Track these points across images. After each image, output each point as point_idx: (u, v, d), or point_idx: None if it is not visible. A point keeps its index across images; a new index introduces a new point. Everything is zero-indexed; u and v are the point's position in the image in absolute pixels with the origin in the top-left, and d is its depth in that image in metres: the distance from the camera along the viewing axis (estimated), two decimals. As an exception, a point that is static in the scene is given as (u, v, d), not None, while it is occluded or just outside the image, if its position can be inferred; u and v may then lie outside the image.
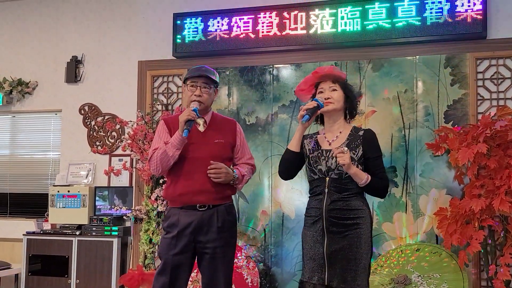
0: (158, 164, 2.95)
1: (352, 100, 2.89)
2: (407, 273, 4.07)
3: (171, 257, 2.94)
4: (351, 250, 2.71)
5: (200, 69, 3.07)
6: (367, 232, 2.75)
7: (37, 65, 5.62)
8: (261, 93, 4.81)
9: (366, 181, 2.73)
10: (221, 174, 2.95)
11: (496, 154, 3.81)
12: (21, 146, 5.76)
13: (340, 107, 2.85)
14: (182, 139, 2.90)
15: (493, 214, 3.84)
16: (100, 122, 5.34)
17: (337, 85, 2.86)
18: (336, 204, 2.76)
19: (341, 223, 2.74)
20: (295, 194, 4.63)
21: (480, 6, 4.27)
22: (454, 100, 4.36)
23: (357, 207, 2.76)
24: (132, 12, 5.36)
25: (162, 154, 2.92)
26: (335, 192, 2.77)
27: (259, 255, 4.66)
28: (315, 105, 2.79)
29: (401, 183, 4.39)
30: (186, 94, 3.07)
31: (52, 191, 5.16)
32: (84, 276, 4.86)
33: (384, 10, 4.47)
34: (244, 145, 3.21)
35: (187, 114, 2.89)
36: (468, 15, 4.29)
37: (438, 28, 4.36)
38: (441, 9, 4.35)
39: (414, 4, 4.40)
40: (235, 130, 3.16)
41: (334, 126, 2.88)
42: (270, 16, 4.75)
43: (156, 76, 5.14)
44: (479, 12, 4.27)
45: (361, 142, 2.78)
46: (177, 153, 2.92)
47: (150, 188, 4.81)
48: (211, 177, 2.95)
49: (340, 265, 2.71)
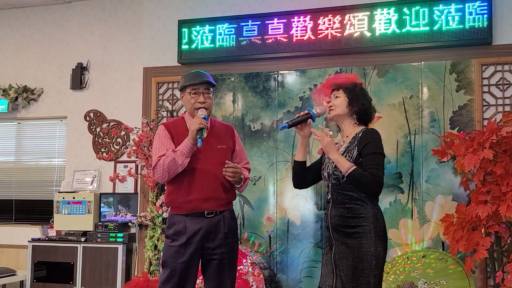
0: (165, 172, 2.93)
1: (358, 103, 2.82)
2: (413, 280, 4.05)
3: (179, 265, 2.92)
4: (353, 260, 2.65)
5: (200, 76, 3.06)
6: (369, 242, 2.63)
7: (42, 72, 5.64)
8: (266, 100, 4.81)
9: (348, 170, 2.64)
10: (237, 174, 2.97)
11: (502, 160, 3.80)
12: (27, 152, 5.78)
13: (342, 112, 2.84)
14: (193, 148, 2.89)
15: (500, 220, 3.82)
16: (105, 129, 5.35)
17: (340, 91, 2.86)
18: (338, 211, 2.74)
19: (342, 231, 2.72)
20: (300, 201, 4.62)
21: (486, 12, 4.26)
22: (460, 106, 4.35)
23: (359, 215, 2.68)
24: (137, 19, 5.38)
25: (170, 162, 2.90)
26: (337, 198, 2.76)
27: (265, 262, 4.65)
28: (306, 114, 2.87)
29: (407, 189, 4.38)
30: (189, 101, 3.05)
31: (57, 198, 5.16)
32: (89, 282, 4.86)
33: (391, 17, 4.47)
34: (242, 150, 3.24)
35: (198, 122, 2.87)
36: (473, 21, 4.29)
37: (443, 34, 4.36)
38: (447, 16, 4.35)
39: (420, 11, 4.40)
40: (233, 135, 3.18)
41: (344, 132, 2.89)
42: (278, 22, 4.75)
43: (161, 82, 5.15)
44: (485, 18, 4.26)
45: (358, 143, 2.74)
46: (186, 161, 2.91)
47: (155, 195, 4.81)
48: (227, 176, 2.94)
49: (344, 274, 2.68)
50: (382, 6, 4.50)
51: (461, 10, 4.32)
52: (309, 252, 4.54)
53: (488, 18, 4.27)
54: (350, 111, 2.84)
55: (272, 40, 4.75)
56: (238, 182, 3.03)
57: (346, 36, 4.58)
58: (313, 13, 4.67)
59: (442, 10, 4.36)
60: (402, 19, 4.44)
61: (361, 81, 2.95)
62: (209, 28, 4.91)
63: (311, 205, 4.60)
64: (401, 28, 4.44)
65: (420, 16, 4.40)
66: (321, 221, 4.53)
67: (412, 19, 4.42)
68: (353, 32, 4.56)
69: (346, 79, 2.93)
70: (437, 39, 4.37)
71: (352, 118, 2.86)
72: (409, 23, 4.43)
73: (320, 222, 4.53)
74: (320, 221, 4.53)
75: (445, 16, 4.35)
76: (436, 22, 4.37)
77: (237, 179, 2.99)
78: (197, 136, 2.86)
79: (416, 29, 4.41)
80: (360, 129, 2.81)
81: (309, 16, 4.68)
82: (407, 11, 4.44)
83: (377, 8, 4.51)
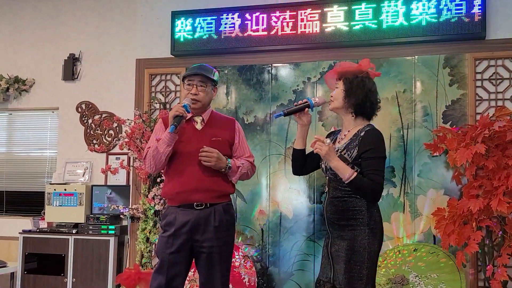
0: (151, 161, 2.96)
1: (355, 95, 2.73)
2: (404, 273, 4.07)
3: (168, 255, 2.94)
4: (346, 252, 2.66)
5: (197, 68, 3.07)
6: (362, 235, 2.64)
7: (34, 62, 5.60)
8: (260, 92, 4.79)
9: (349, 177, 2.60)
10: (212, 158, 2.92)
11: (494, 155, 3.81)
12: (18, 144, 5.74)
13: (340, 105, 2.78)
14: (172, 136, 2.89)
15: (491, 214, 3.83)
16: (98, 120, 5.31)
17: (340, 82, 2.80)
18: (333, 204, 2.74)
19: (336, 224, 2.72)
20: (293, 194, 4.62)
21: (479, 6, 4.26)
22: (453, 101, 4.36)
23: (353, 208, 2.67)
24: (130, 10, 5.34)
25: (154, 151, 2.93)
26: (333, 191, 2.75)
27: (257, 255, 4.65)
28: (303, 103, 2.87)
29: (399, 183, 4.39)
30: (184, 93, 3.08)
31: (49, 189, 5.14)
32: (81, 274, 4.85)
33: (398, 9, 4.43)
34: (244, 143, 3.20)
35: (176, 109, 2.89)
36: (467, 16, 4.29)
37: (437, 28, 4.35)
38: (441, 10, 4.34)
39: (404, 4, 4.40)
40: (233, 128, 3.15)
41: (344, 124, 2.85)
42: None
43: (154, 74, 5.12)
44: (478, 13, 4.26)
45: (359, 143, 2.68)
46: (167, 150, 2.91)
47: (147, 187, 4.79)
48: (202, 160, 2.93)
49: (339, 267, 2.68)
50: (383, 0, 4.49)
51: (455, 5, 4.32)
52: (301, 245, 4.54)
53: (482, 13, 4.26)
54: (347, 104, 2.76)
55: (264, 33, 4.73)
56: (219, 169, 2.97)
57: (341, 29, 4.56)
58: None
59: (436, 4, 4.35)
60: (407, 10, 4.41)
61: (367, 70, 2.81)
62: (202, 20, 4.88)
63: (304, 199, 4.60)
64: (396, 22, 4.43)
65: (415, 9, 4.39)
66: (314, 214, 4.53)
67: (407, 12, 4.41)
68: (347, 26, 4.54)
69: (351, 68, 2.83)
70: (431, 33, 4.37)
71: (349, 111, 2.79)
72: (404, 17, 4.42)
73: (313, 215, 4.53)
74: (313, 215, 4.53)
75: (439, 10, 4.34)
76: (430, 16, 4.36)
77: (214, 165, 2.94)
78: (173, 122, 2.86)
79: (410, 23, 4.40)
80: (363, 126, 2.74)
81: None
82: (401, 5, 4.42)
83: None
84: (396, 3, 4.43)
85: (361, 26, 4.51)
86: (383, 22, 4.46)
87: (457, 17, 4.31)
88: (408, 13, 4.41)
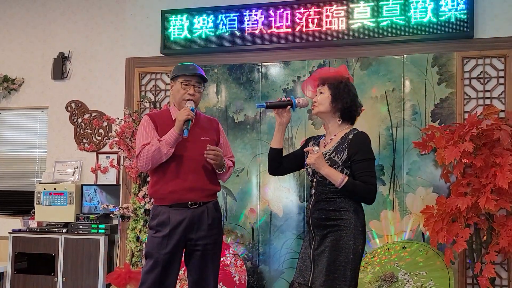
0: (149, 161, 2.93)
1: (342, 100, 2.77)
2: (393, 271, 4.10)
3: (163, 256, 2.92)
4: (331, 253, 2.65)
5: (194, 68, 3.08)
6: (348, 235, 2.65)
7: (23, 61, 5.57)
8: (250, 91, 4.80)
9: (342, 182, 2.63)
10: (218, 156, 2.96)
11: (482, 153, 3.85)
12: (7, 143, 5.70)
13: (325, 110, 2.81)
14: (178, 138, 2.91)
15: (479, 212, 3.87)
16: (87, 119, 5.30)
17: (325, 87, 2.82)
18: (319, 205, 2.74)
19: (322, 224, 2.72)
20: (283, 192, 4.64)
21: (467, 6, 4.29)
22: (441, 99, 4.39)
23: (340, 208, 2.69)
24: (120, 8, 5.32)
25: (155, 151, 2.90)
26: (320, 193, 2.75)
27: (247, 253, 4.67)
28: (287, 101, 2.90)
29: (388, 182, 4.41)
30: (178, 91, 3.06)
31: (39, 189, 5.12)
32: (71, 274, 4.83)
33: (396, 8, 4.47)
34: (227, 143, 3.26)
35: (186, 113, 2.90)
36: (455, 15, 4.32)
37: (425, 28, 4.38)
38: (428, 9, 4.37)
39: (398, 4, 4.43)
40: (217, 129, 3.20)
41: (329, 129, 2.86)
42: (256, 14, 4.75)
43: (144, 73, 5.11)
44: (466, 12, 4.30)
45: (348, 146, 2.71)
46: (171, 151, 2.93)
47: (138, 186, 4.78)
48: (209, 158, 2.94)
49: (321, 268, 2.67)
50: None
51: (442, 4, 4.35)
52: (292, 244, 4.56)
53: (469, 12, 4.30)
54: (334, 109, 2.80)
55: (256, 32, 4.74)
56: (220, 167, 3.02)
57: (330, 28, 4.58)
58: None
59: (424, 3, 4.38)
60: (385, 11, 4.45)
61: (348, 76, 2.88)
62: (192, 19, 4.88)
63: (294, 197, 4.62)
64: (384, 21, 4.46)
65: (403, 9, 4.42)
66: (304, 212, 4.55)
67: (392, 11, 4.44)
68: (337, 25, 4.56)
69: (332, 74, 2.88)
70: (420, 32, 4.40)
71: (335, 116, 2.82)
72: (394, 16, 4.44)
73: (303, 213, 4.55)
74: (303, 213, 4.55)
75: (427, 9, 4.38)
76: (419, 16, 4.39)
77: (219, 163, 2.99)
78: (184, 127, 2.88)
79: (398, 22, 4.42)
80: (349, 130, 2.79)
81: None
82: (390, 3, 4.45)
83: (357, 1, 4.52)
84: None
85: (359, 25, 4.53)
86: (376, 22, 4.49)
87: (445, 16, 4.34)
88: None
